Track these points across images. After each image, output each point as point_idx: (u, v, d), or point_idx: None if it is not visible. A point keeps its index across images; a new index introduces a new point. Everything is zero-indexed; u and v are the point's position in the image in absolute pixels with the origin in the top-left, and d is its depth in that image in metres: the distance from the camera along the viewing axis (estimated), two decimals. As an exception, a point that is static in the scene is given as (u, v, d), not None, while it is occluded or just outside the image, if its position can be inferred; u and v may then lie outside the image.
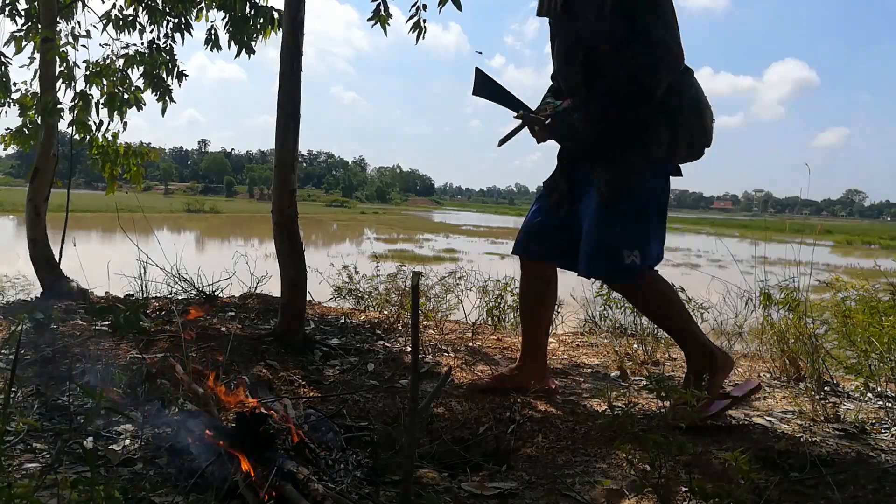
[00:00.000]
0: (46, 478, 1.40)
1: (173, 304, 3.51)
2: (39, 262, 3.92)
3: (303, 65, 2.74)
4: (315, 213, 41.53)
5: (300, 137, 2.77)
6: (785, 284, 2.92)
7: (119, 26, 4.39)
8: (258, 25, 4.14)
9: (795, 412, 2.24)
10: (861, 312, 2.77)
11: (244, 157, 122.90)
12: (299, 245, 2.79)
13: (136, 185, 4.65)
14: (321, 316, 3.57)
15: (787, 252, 3.24)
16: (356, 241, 19.40)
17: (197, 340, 2.68)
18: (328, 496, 1.40)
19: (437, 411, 2.12)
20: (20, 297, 4.05)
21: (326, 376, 2.50)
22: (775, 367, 2.83)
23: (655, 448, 1.38)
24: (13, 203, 24.86)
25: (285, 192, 2.75)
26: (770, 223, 11.07)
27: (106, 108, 4.29)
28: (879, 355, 2.54)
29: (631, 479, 1.65)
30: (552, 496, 1.62)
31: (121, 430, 1.80)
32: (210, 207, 39.78)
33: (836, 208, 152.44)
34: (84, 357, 2.40)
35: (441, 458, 1.92)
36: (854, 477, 1.68)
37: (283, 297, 2.79)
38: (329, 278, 4.67)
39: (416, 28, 3.26)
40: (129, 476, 1.55)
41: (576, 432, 2.00)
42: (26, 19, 4.46)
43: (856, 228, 48.70)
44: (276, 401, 1.92)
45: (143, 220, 4.79)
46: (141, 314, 3.03)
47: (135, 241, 4.17)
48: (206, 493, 1.45)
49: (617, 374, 2.76)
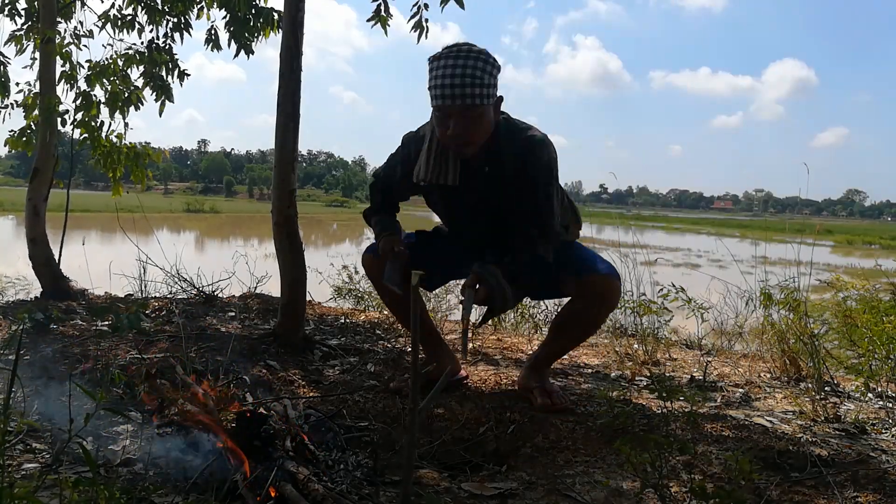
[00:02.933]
0: (47, 478, 1.39)
1: (173, 304, 3.51)
2: (39, 262, 3.92)
3: (302, 65, 2.74)
4: (315, 213, 41.52)
5: (300, 137, 2.77)
6: (785, 284, 2.92)
7: (118, 26, 4.39)
8: (258, 26, 4.14)
9: (795, 412, 2.24)
10: (862, 312, 2.77)
11: (244, 157, 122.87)
12: (299, 245, 2.79)
13: (140, 185, 4.65)
14: (321, 316, 3.57)
15: (788, 252, 3.24)
16: (356, 241, 19.36)
17: (197, 340, 2.68)
18: (328, 496, 1.40)
19: (437, 411, 2.12)
20: (20, 297, 4.05)
21: (326, 376, 2.50)
22: (775, 367, 2.83)
23: (655, 448, 1.38)
24: (13, 203, 24.86)
25: (285, 192, 2.75)
26: (770, 223, 11.07)
27: (107, 107, 4.30)
28: (880, 355, 2.54)
29: (631, 480, 1.65)
30: (552, 496, 1.62)
31: (121, 430, 1.80)
32: (210, 207, 39.80)
33: (837, 208, 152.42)
34: (84, 357, 2.40)
35: (441, 458, 1.92)
36: (854, 477, 1.68)
37: (283, 297, 2.79)
38: (329, 278, 4.68)
39: (417, 27, 3.25)
40: (129, 476, 1.55)
41: (576, 432, 2.00)
42: (26, 18, 4.47)
43: (856, 228, 48.69)
44: (276, 401, 1.91)
45: (142, 220, 4.79)
46: (141, 314, 3.04)
47: (135, 241, 4.17)
48: (206, 493, 1.45)
49: (617, 373, 2.76)
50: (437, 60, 1.96)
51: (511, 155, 2.05)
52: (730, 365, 3.01)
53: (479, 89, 1.91)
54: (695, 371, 2.84)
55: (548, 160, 2.07)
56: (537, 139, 2.06)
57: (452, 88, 1.90)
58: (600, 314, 2.31)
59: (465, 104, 1.92)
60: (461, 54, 1.92)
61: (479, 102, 1.93)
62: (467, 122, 1.95)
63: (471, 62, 1.91)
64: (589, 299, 2.21)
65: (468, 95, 1.90)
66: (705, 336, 3.65)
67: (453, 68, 1.90)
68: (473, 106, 1.92)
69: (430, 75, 1.96)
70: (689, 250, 20.00)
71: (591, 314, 2.27)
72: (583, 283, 2.19)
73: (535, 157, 2.05)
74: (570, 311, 2.27)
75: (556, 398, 2.21)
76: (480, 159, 2.06)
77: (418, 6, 3.19)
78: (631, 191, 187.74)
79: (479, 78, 1.91)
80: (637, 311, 3.28)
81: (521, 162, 2.04)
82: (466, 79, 1.90)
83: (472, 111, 1.94)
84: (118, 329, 2.77)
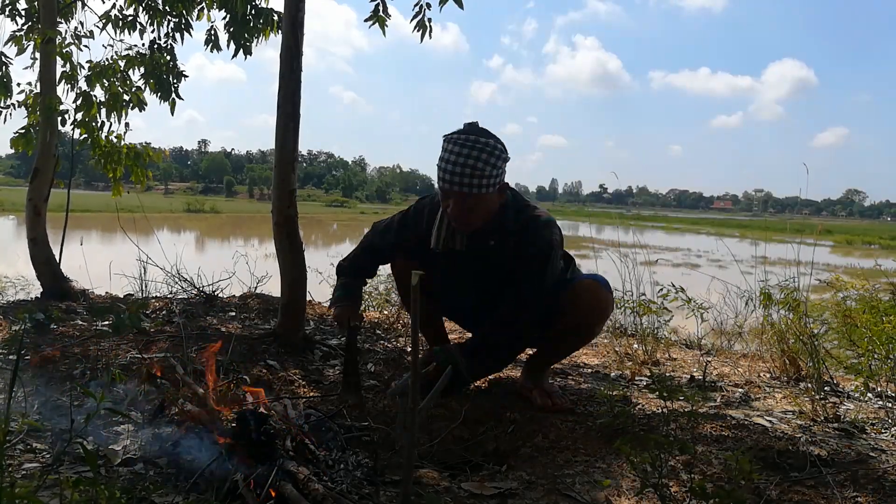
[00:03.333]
0: (47, 478, 1.40)
1: (173, 304, 3.51)
2: (39, 261, 3.92)
3: (302, 65, 2.74)
4: (315, 213, 41.53)
5: (300, 137, 2.77)
6: (785, 284, 2.92)
7: (119, 26, 4.39)
8: (258, 26, 4.14)
9: (795, 412, 2.24)
10: (861, 312, 2.77)
11: (244, 157, 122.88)
12: (299, 245, 2.79)
13: (141, 186, 4.65)
14: (321, 316, 3.57)
15: (788, 252, 3.24)
16: (356, 241, 19.37)
17: (197, 340, 2.68)
18: (328, 496, 1.40)
19: (437, 411, 2.12)
20: (20, 297, 4.05)
21: (326, 376, 2.50)
22: (775, 367, 2.83)
23: (656, 448, 1.38)
24: (13, 203, 24.86)
25: (285, 192, 2.75)
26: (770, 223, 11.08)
27: (105, 108, 4.30)
28: (880, 355, 2.54)
29: (631, 479, 1.65)
30: (552, 496, 1.62)
31: (121, 430, 1.80)
32: (210, 207, 39.81)
33: (836, 208, 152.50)
34: (84, 357, 2.40)
35: (441, 458, 1.92)
36: (853, 477, 1.68)
37: (283, 297, 2.79)
38: (329, 278, 4.67)
39: (420, 27, 3.24)
40: (129, 476, 1.55)
41: (576, 432, 2.00)
42: (26, 19, 4.47)
43: (856, 228, 48.71)
44: (276, 402, 1.92)
45: (143, 220, 4.79)
46: (141, 314, 3.04)
47: (135, 241, 4.18)
48: (206, 493, 1.45)
49: (617, 373, 2.77)
50: (448, 143, 2.09)
51: (515, 232, 2.18)
52: (729, 365, 3.01)
53: (479, 180, 2.04)
54: (695, 371, 2.84)
55: (549, 240, 2.18)
56: (542, 220, 2.21)
57: (453, 175, 2.04)
58: (592, 324, 2.33)
59: (461, 192, 2.05)
60: (468, 143, 2.04)
61: (477, 192, 2.05)
62: (464, 206, 2.09)
63: (475, 153, 2.03)
64: (581, 311, 2.24)
65: (466, 185, 2.04)
66: (705, 336, 3.65)
67: (458, 156, 2.04)
68: (471, 195, 2.06)
69: (441, 154, 2.10)
70: (689, 250, 20.02)
71: (585, 325, 2.30)
72: (574, 292, 2.23)
73: (539, 237, 2.18)
74: (564, 324, 2.28)
75: (555, 398, 2.22)
76: (487, 232, 2.19)
77: (421, 6, 3.18)
78: (631, 191, 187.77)
79: (480, 170, 2.03)
80: (637, 311, 3.28)
81: (523, 240, 2.18)
82: (467, 169, 2.02)
83: (470, 199, 2.07)
84: (118, 329, 2.79)
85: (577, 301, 2.22)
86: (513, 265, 2.18)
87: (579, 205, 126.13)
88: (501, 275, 2.20)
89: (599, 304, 2.26)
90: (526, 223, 2.19)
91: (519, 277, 2.17)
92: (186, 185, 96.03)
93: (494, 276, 2.23)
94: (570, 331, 2.29)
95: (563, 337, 2.33)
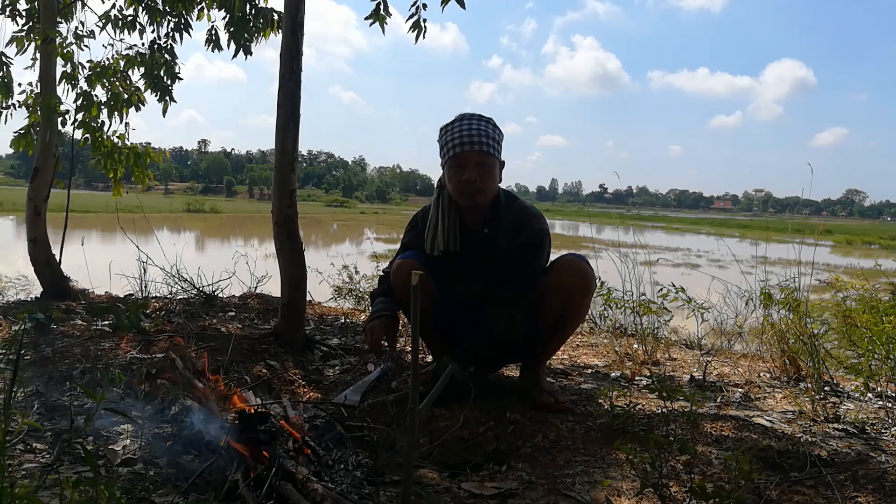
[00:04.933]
0: (47, 478, 1.40)
1: (173, 304, 3.51)
2: (39, 261, 3.92)
3: (302, 65, 2.74)
4: (315, 213, 41.53)
5: (300, 137, 2.77)
6: (785, 284, 2.92)
7: (119, 26, 4.39)
8: (258, 26, 4.14)
9: (795, 412, 2.24)
10: (861, 312, 2.77)
11: (244, 157, 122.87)
12: (299, 245, 2.79)
13: (141, 186, 4.65)
14: (321, 316, 3.57)
15: (788, 252, 3.24)
16: (356, 241, 19.38)
17: (197, 340, 2.68)
18: (328, 496, 1.40)
19: (437, 412, 2.12)
20: (20, 297, 4.05)
21: (326, 376, 2.50)
22: (775, 367, 2.83)
23: (655, 448, 1.38)
24: (13, 203, 24.87)
25: (285, 192, 2.75)
26: (770, 223, 11.07)
27: (106, 108, 4.30)
28: (880, 355, 2.54)
29: (631, 479, 1.65)
30: (552, 496, 1.62)
31: (121, 430, 1.80)
32: (210, 207, 39.79)
33: (836, 208, 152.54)
34: (84, 357, 2.40)
35: (441, 458, 1.92)
36: (854, 477, 1.68)
37: (283, 297, 2.79)
38: (329, 278, 4.68)
39: (415, 27, 3.25)
40: (130, 476, 1.55)
41: (576, 432, 2.00)
42: (27, 19, 4.47)
43: (856, 228, 48.72)
44: (276, 402, 1.92)
45: (143, 220, 4.79)
46: (141, 314, 3.04)
47: (135, 241, 4.18)
48: (206, 493, 1.45)
49: (617, 373, 2.77)
50: (451, 124, 2.25)
51: (508, 220, 2.28)
52: (729, 365, 3.01)
53: (493, 143, 2.22)
54: (695, 371, 2.84)
55: (539, 230, 2.28)
56: (533, 211, 2.33)
57: (471, 138, 2.18)
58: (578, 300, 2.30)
59: (482, 150, 2.18)
60: (475, 118, 2.24)
61: (493, 153, 2.21)
62: (482, 169, 2.19)
63: (483, 123, 2.23)
64: (564, 287, 2.23)
65: (485, 144, 2.19)
66: (705, 336, 3.65)
67: (469, 126, 2.21)
68: (489, 154, 2.19)
69: (447, 136, 2.23)
70: (689, 250, 20.01)
71: (571, 305, 2.28)
72: (555, 270, 2.26)
73: (530, 224, 2.28)
74: (549, 306, 2.27)
75: (556, 398, 2.21)
76: (481, 221, 2.28)
77: (416, 6, 3.19)
78: (631, 191, 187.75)
79: (492, 136, 2.22)
80: (637, 311, 3.28)
81: (516, 227, 2.27)
82: (483, 135, 2.20)
83: (487, 159, 2.20)
84: (118, 329, 2.79)
85: (560, 277, 2.23)
86: (506, 252, 2.24)
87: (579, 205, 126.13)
88: (495, 265, 2.24)
89: (582, 276, 2.25)
90: (518, 211, 2.30)
91: (511, 265, 2.23)
92: (186, 185, 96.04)
93: (488, 270, 2.25)
94: (557, 311, 2.26)
95: (553, 324, 2.31)
